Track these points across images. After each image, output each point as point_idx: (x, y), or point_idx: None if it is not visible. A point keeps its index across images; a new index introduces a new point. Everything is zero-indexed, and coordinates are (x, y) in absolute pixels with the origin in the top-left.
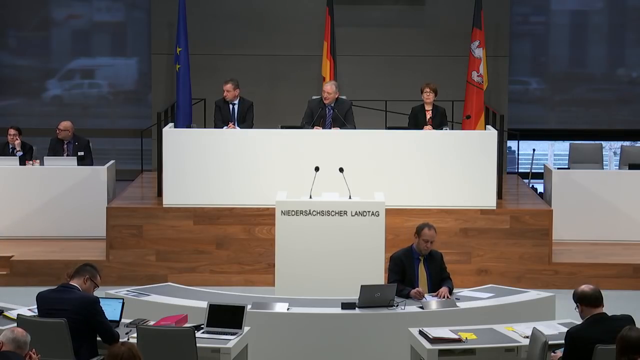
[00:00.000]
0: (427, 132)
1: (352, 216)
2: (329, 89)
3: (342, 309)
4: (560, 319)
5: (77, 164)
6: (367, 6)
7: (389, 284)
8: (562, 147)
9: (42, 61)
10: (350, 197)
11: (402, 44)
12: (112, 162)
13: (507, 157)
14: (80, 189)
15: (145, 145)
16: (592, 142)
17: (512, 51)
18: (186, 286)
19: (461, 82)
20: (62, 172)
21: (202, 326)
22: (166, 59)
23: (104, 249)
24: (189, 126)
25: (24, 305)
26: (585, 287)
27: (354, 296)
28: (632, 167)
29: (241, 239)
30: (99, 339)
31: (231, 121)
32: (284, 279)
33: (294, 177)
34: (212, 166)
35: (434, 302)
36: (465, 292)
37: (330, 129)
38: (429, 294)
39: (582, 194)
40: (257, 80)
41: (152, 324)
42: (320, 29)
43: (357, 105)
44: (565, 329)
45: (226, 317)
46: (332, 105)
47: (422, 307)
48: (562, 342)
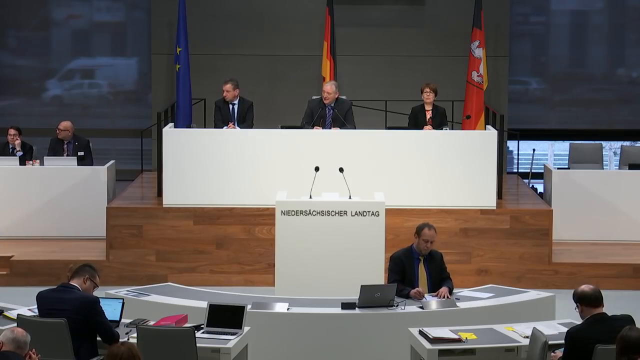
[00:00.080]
0: (427, 132)
1: (352, 216)
2: (328, 89)
3: (342, 309)
4: (560, 319)
5: (77, 164)
6: (367, 6)
7: (389, 284)
8: (562, 147)
9: (42, 61)
10: (350, 197)
11: (402, 44)
12: (112, 162)
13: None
14: (80, 189)
15: (145, 145)
16: (592, 142)
17: (512, 51)
18: (186, 286)
19: (461, 82)
20: (62, 172)
21: (202, 326)
22: (166, 59)
23: (104, 249)
24: (189, 126)
25: (24, 305)
26: (585, 287)
27: (354, 296)
28: (632, 167)
29: (241, 239)
30: (99, 339)
31: (231, 121)
32: (284, 279)
33: (294, 177)
34: (212, 166)
35: (434, 302)
36: (465, 292)
37: (330, 129)
38: (429, 294)
39: (582, 194)
40: (257, 80)
41: (152, 324)
42: (320, 29)
43: (357, 105)
44: (565, 329)
45: (226, 317)
46: (332, 105)
47: (422, 307)
48: (562, 342)
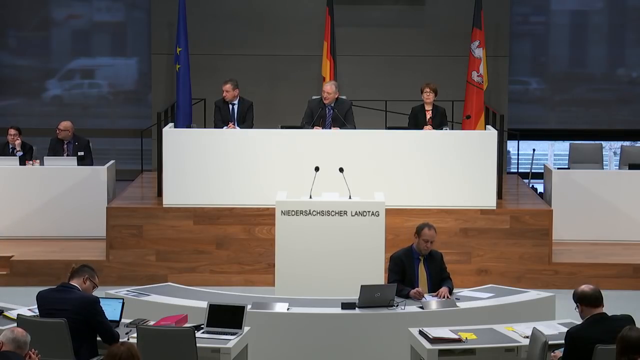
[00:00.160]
0: (427, 132)
1: (352, 216)
2: (328, 89)
3: (342, 309)
4: (560, 319)
5: (77, 164)
6: (367, 6)
7: (389, 284)
8: (562, 147)
9: (42, 61)
10: (350, 197)
11: (402, 44)
12: (112, 162)
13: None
14: (80, 189)
15: (145, 145)
16: (592, 142)
17: (512, 51)
18: (186, 286)
19: (461, 82)
20: (62, 172)
21: (202, 326)
22: (166, 59)
23: (104, 249)
24: (189, 126)
25: (24, 305)
26: (585, 287)
27: (354, 296)
28: (632, 167)
29: (241, 239)
30: (99, 339)
31: (231, 121)
32: (284, 279)
33: (294, 177)
34: (212, 166)
35: (434, 302)
36: (465, 292)
37: (330, 129)
38: (428, 294)
39: (582, 194)
40: (257, 80)
41: (152, 324)
42: (320, 29)
43: (357, 105)
44: (565, 329)
45: (226, 317)
46: (332, 105)
47: (422, 307)
48: (562, 342)
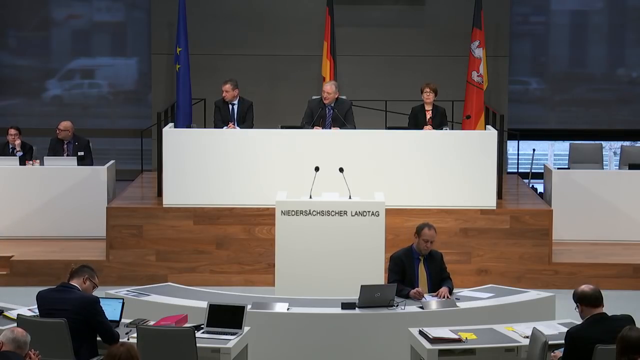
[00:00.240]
0: (427, 132)
1: (352, 216)
2: (328, 89)
3: (342, 309)
4: (560, 319)
5: (77, 164)
6: (367, 6)
7: (389, 284)
8: (562, 147)
9: (42, 61)
10: (350, 197)
11: (402, 44)
12: (112, 162)
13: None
14: (80, 189)
15: (145, 145)
16: (592, 142)
17: (512, 51)
18: (186, 286)
19: (461, 82)
20: (62, 172)
21: (202, 326)
22: (166, 59)
23: (104, 249)
24: (189, 126)
25: (24, 305)
26: (585, 287)
27: (354, 296)
28: (632, 167)
29: (241, 239)
30: (99, 339)
31: (231, 121)
32: (284, 279)
33: (294, 177)
34: (212, 166)
35: (434, 302)
36: (465, 292)
37: (330, 129)
38: (428, 294)
39: (582, 194)
40: (257, 80)
41: (152, 324)
42: (320, 29)
43: (357, 105)
44: (565, 329)
45: (226, 317)
46: (332, 105)
47: (422, 307)
48: (562, 342)
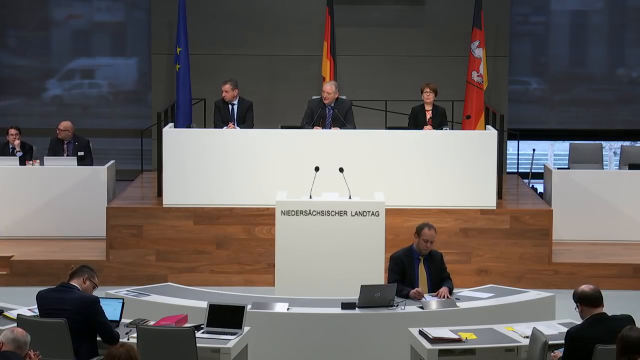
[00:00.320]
0: (427, 132)
1: (352, 216)
2: (328, 89)
3: (342, 309)
4: (560, 319)
5: (77, 164)
6: (367, 6)
7: (389, 284)
8: (562, 147)
9: (42, 61)
10: (350, 197)
11: (402, 44)
12: (112, 162)
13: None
14: (80, 189)
15: (145, 145)
16: (592, 142)
17: (512, 51)
18: (186, 286)
19: (461, 82)
20: (62, 172)
21: (202, 326)
22: (166, 59)
23: (104, 249)
24: (189, 126)
25: (24, 305)
26: (585, 287)
27: (354, 296)
28: (632, 167)
29: (241, 239)
30: (99, 339)
31: (231, 121)
32: (284, 279)
33: (294, 177)
34: (212, 166)
35: (434, 302)
36: (465, 292)
37: (330, 129)
38: (428, 294)
39: (582, 194)
40: (257, 80)
41: (152, 324)
42: (320, 29)
43: (357, 105)
44: (565, 329)
45: (226, 317)
46: (332, 105)
47: (422, 307)
48: (562, 342)
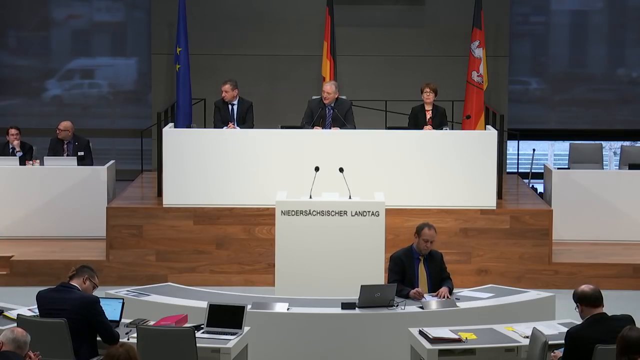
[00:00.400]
0: (427, 132)
1: (352, 216)
2: (328, 89)
3: (342, 309)
4: (560, 319)
5: (77, 164)
6: (367, 6)
7: (389, 284)
8: (562, 147)
9: (42, 61)
10: (350, 197)
11: (402, 44)
12: (112, 162)
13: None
14: (80, 189)
15: (145, 145)
16: (592, 142)
17: (512, 51)
18: (186, 286)
19: (461, 82)
20: (62, 172)
21: (202, 326)
22: (166, 59)
23: (104, 249)
24: (189, 126)
25: (24, 305)
26: (585, 287)
27: (354, 296)
28: (632, 167)
29: (241, 239)
30: (99, 339)
31: (230, 121)
32: (284, 279)
33: (294, 177)
34: (212, 166)
35: (434, 302)
36: (465, 292)
37: (330, 129)
38: (428, 294)
39: (582, 194)
40: (257, 80)
41: (152, 324)
42: (320, 29)
43: (357, 105)
44: (565, 329)
45: (226, 317)
46: (332, 105)
47: (422, 307)
48: (562, 342)
